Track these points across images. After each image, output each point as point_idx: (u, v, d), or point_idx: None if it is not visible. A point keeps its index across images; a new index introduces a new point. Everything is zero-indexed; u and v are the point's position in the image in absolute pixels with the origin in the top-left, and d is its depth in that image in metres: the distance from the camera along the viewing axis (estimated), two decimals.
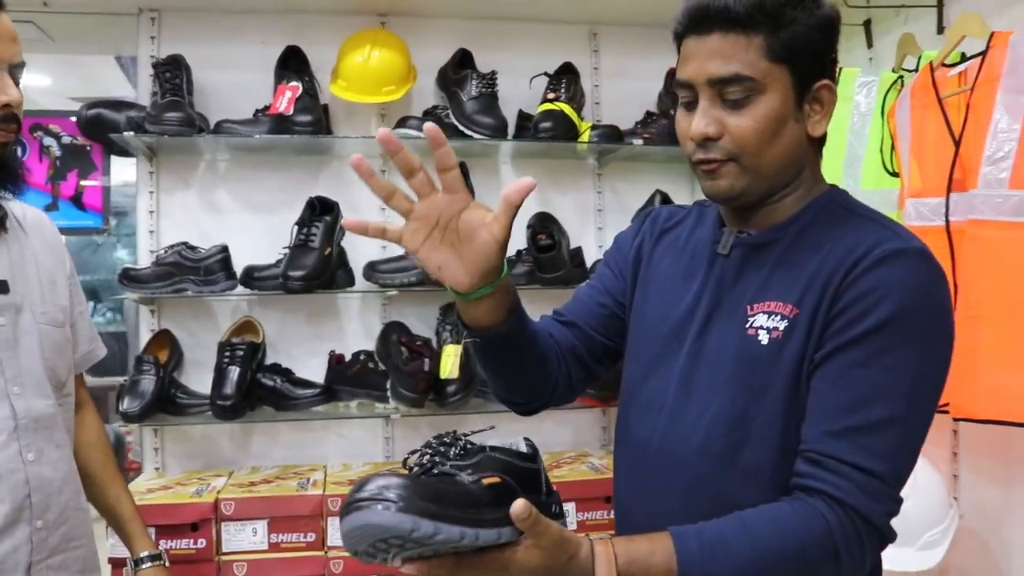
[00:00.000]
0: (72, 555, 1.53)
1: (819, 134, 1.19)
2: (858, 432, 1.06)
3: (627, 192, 2.96)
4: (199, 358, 2.69)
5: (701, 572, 1.04)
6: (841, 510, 1.05)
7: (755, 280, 1.20)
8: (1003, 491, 2.15)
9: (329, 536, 2.30)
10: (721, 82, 1.14)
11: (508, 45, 2.87)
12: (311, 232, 2.50)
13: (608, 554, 1.04)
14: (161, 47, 2.72)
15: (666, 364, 1.27)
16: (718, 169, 1.17)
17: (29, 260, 1.55)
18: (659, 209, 1.45)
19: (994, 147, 1.85)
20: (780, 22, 1.12)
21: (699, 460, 1.19)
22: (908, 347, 1.08)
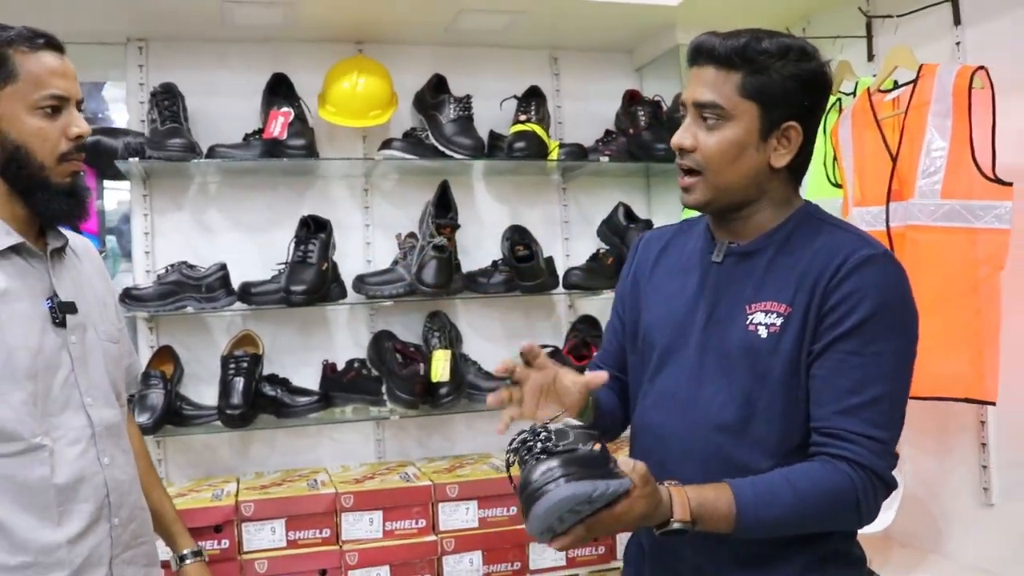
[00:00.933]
0: (140, 551, 1.69)
1: (779, 166, 1.44)
2: (861, 408, 1.34)
3: (590, 205, 3.22)
4: (197, 372, 2.83)
5: (755, 513, 1.31)
6: (860, 470, 1.33)
7: (750, 283, 1.47)
8: (940, 462, 2.45)
9: (343, 531, 2.49)
10: (700, 106, 1.42)
11: (477, 70, 3.09)
12: (308, 249, 2.67)
13: (682, 497, 1.30)
14: (149, 75, 2.86)
15: (676, 358, 1.53)
16: (690, 185, 1.46)
17: (85, 283, 1.69)
18: (646, 235, 1.74)
19: (927, 163, 2.15)
20: (755, 67, 1.39)
21: (715, 433, 1.44)
22: (888, 336, 1.36)
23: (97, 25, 2.73)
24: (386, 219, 3.02)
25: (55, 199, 1.56)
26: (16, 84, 1.50)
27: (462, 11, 2.74)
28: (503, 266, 2.94)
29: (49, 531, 1.50)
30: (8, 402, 1.47)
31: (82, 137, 1.58)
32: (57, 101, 1.53)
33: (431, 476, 2.63)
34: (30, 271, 1.57)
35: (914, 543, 2.52)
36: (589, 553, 2.64)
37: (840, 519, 1.38)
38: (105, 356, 1.68)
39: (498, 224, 3.07)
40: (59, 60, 1.55)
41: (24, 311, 1.53)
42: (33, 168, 1.53)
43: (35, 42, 1.52)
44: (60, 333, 1.57)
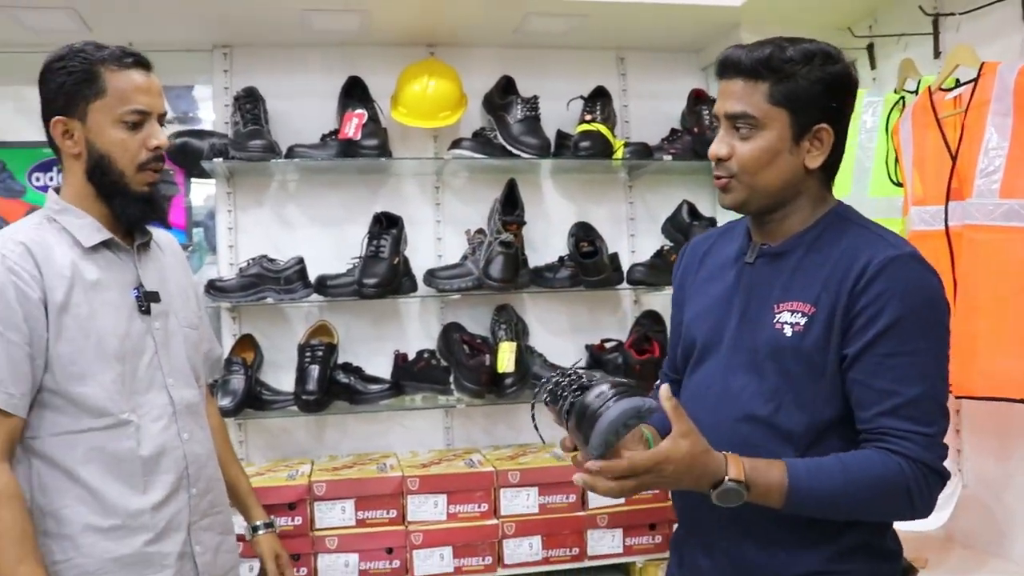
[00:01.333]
0: (216, 519, 1.84)
1: (814, 166, 1.49)
2: (903, 408, 1.39)
3: (655, 202, 3.28)
4: (276, 359, 3.00)
5: (806, 486, 1.38)
6: (911, 463, 1.38)
7: (778, 283, 1.53)
8: (1002, 463, 2.43)
9: (409, 512, 2.62)
10: (732, 117, 1.49)
11: (545, 71, 3.18)
12: (381, 244, 2.80)
13: (738, 460, 1.38)
14: (233, 79, 3.03)
15: (712, 353, 1.60)
16: (727, 185, 1.53)
17: (168, 275, 1.85)
18: (692, 240, 1.81)
19: (986, 162, 2.15)
20: (782, 75, 1.45)
21: (744, 425, 1.51)
22: (920, 334, 1.41)
23: (186, 34, 2.92)
24: (456, 215, 3.13)
25: (132, 204, 1.72)
26: (104, 99, 1.66)
27: (528, 14, 2.83)
28: (568, 262, 3.02)
29: (136, 498, 1.67)
30: (100, 381, 1.64)
31: (160, 148, 1.72)
32: (139, 116, 1.68)
33: (494, 463, 2.74)
34: (118, 263, 1.73)
35: (976, 545, 2.51)
36: (645, 542, 2.72)
37: (892, 506, 1.42)
38: (185, 341, 1.84)
39: (565, 221, 3.15)
40: (145, 77, 1.70)
41: (113, 300, 1.69)
42: (114, 175, 1.68)
43: (124, 61, 1.68)
44: (145, 320, 1.73)
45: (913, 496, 1.39)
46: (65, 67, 1.66)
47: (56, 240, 1.67)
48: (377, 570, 2.58)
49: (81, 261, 1.67)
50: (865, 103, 2.60)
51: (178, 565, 1.71)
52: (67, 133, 1.67)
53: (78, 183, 1.71)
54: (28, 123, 4.57)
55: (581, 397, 1.36)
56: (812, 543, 1.48)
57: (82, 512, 1.63)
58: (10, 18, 2.65)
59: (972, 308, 2.19)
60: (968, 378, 2.21)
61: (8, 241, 1.63)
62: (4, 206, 3.13)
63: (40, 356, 1.59)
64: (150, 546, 1.67)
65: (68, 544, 1.62)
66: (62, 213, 1.71)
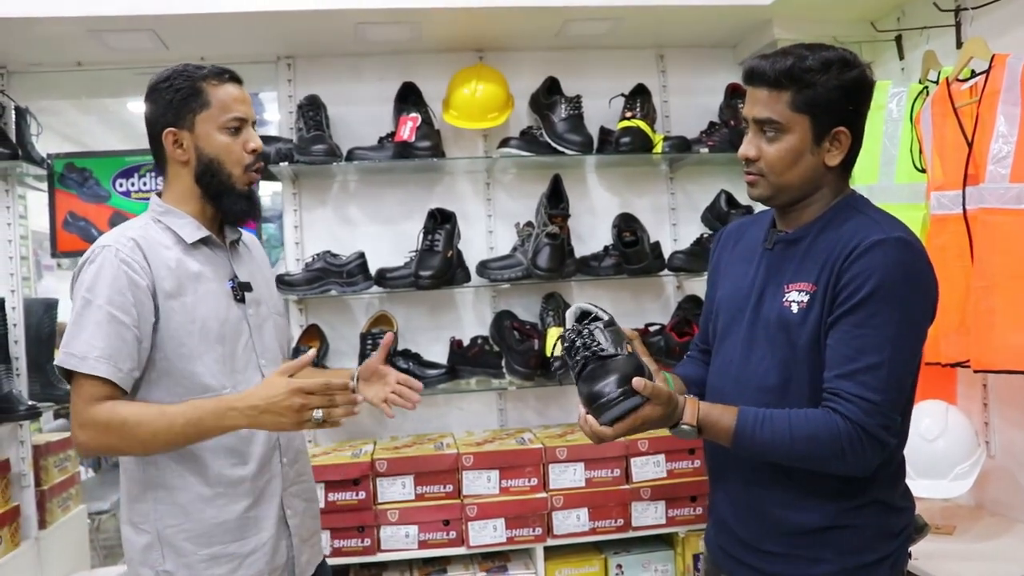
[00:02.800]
0: (302, 487, 2.04)
1: (833, 165, 1.65)
2: (858, 373, 1.55)
3: (696, 193, 3.43)
4: (340, 347, 3.22)
5: (751, 433, 1.58)
6: (848, 423, 1.54)
7: (791, 266, 1.70)
8: None
9: (464, 487, 2.82)
10: (759, 121, 1.65)
11: (587, 71, 3.36)
12: (435, 238, 3.01)
13: (694, 406, 1.60)
14: (296, 88, 3.26)
15: (735, 329, 1.78)
16: (755, 182, 1.70)
17: (256, 269, 2.07)
18: (727, 228, 1.99)
19: (997, 148, 2.27)
20: (803, 84, 1.60)
21: (761, 393, 1.68)
22: (890, 311, 1.55)
23: (252, 47, 3.17)
24: (506, 210, 3.33)
25: (238, 202, 1.93)
26: (209, 110, 1.87)
27: (568, 20, 3.01)
28: (612, 251, 3.19)
29: (237, 468, 1.87)
30: (204, 361, 1.85)
31: (258, 151, 1.93)
32: (239, 123, 1.89)
33: (544, 440, 2.92)
34: (215, 258, 1.95)
35: (1003, 512, 2.62)
36: (687, 513, 2.88)
37: (827, 460, 1.56)
38: (275, 326, 2.06)
39: (609, 212, 3.32)
40: (239, 90, 1.93)
41: (213, 289, 1.90)
42: (223, 176, 1.90)
43: (222, 77, 1.90)
44: (240, 307, 1.94)
45: (846, 454, 1.54)
46: (172, 85, 1.87)
47: (161, 237, 1.88)
48: (435, 540, 2.79)
49: (184, 256, 1.88)
50: (890, 94, 2.72)
51: (276, 528, 1.92)
52: (177, 142, 1.88)
53: (183, 186, 1.92)
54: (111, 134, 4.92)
55: (589, 381, 1.59)
56: (827, 498, 1.64)
57: (191, 482, 1.84)
58: (97, 40, 2.91)
59: (989, 287, 2.32)
60: (987, 352, 2.33)
61: (120, 237, 1.84)
62: (91, 210, 3.41)
63: (147, 339, 1.81)
64: (250, 511, 1.88)
65: (178, 511, 1.83)
66: (165, 215, 1.92)
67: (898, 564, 1.69)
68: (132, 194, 3.44)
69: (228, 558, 1.85)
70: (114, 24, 2.79)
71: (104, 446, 1.78)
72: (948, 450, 2.48)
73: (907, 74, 2.99)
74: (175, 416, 1.73)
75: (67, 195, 3.38)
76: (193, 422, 1.72)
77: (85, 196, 3.39)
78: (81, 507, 3.56)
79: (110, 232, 1.90)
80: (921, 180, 2.64)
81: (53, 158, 3.36)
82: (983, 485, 2.64)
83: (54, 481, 3.27)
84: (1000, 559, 2.30)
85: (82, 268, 1.84)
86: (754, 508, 1.72)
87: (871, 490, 1.65)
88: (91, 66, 3.22)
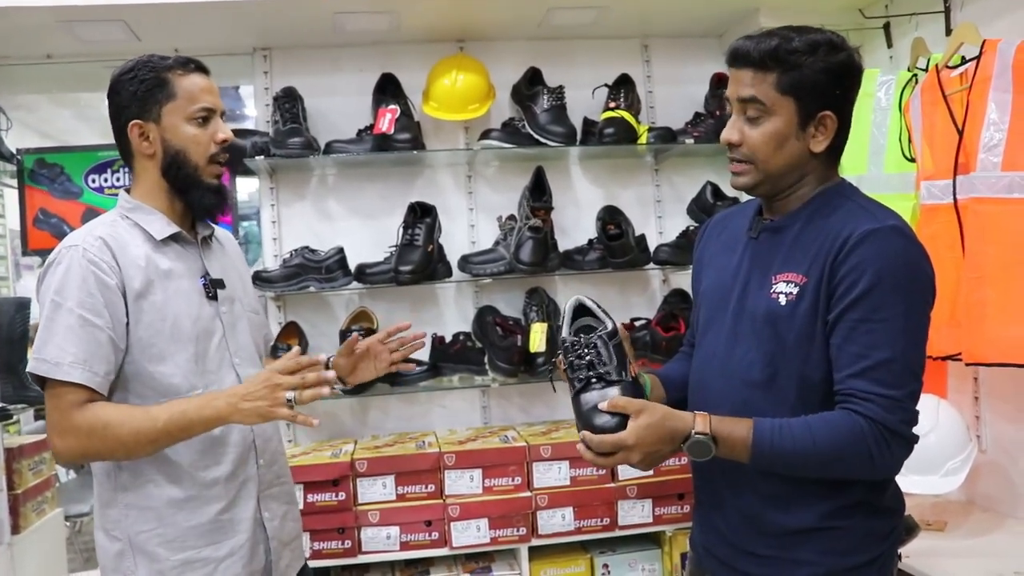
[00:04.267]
0: (281, 489, 1.99)
1: (818, 151, 1.59)
2: (871, 370, 1.49)
3: (681, 184, 3.37)
4: (320, 344, 3.15)
5: (769, 443, 1.50)
6: (871, 423, 1.47)
7: (777, 256, 1.64)
8: (1019, 428, 2.50)
9: (447, 486, 2.76)
10: (743, 101, 1.59)
11: (571, 61, 3.30)
12: (415, 232, 2.94)
13: (706, 417, 1.52)
14: (273, 80, 3.19)
15: (718, 321, 1.72)
16: (740, 170, 1.64)
17: (229, 265, 2.01)
18: (712, 219, 1.93)
19: (988, 136, 2.22)
20: (788, 65, 1.55)
21: (744, 388, 1.62)
22: (893, 302, 1.50)
23: (227, 39, 3.09)
24: (488, 203, 3.26)
25: (206, 195, 1.88)
26: (175, 101, 1.83)
27: (551, 8, 2.95)
28: (597, 244, 3.13)
29: (209, 470, 1.82)
30: (176, 361, 1.80)
31: (227, 141, 1.88)
32: (206, 112, 1.85)
33: (527, 438, 2.86)
34: (186, 255, 1.90)
35: (994, 507, 2.59)
36: (674, 511, 2.82)
37: (853, 465, 1.51)
38: (250, 324, 2.01)
39: (594, 205, 3.25)
40: (206, 80, 1.88)
41: (184, 287, 1.85)
42: (189, 168, 1.85)
43: (188, 67, 1.85)
44: (213, 305, 1.89)
45: (874, 456, 1.48)
46: (136, 76, 1.82)
47: (130, 235, 1.83)
48: (417, 542, 2.73)
49: (153, 253, 1.83)
50: (879, 82, 2.67)
51: (252, 531, 1.87)
52: (143, 135, 1.83)
53: (151, 181, 1.87)
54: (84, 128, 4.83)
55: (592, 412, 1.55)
56: (814, 499, 1.59)
57: (162, 485, 1.79)
58: (67, 31, 2.84)
59: (980, 278, 2.27)
60: (978, 345, 2.29)
61: (87, 236, 1.79)
62: (63, 207, 3.34)
63: (121, 340, 1.75)
64: (224, 514, 1.83)
65: (151, 515, 1.78)
66: (134, 211, 1.87)
67: (887, 566, 1.64)
68: (105, 190, 3.38)
69: (202, 563, 1.81)
70: (84, 14, 2.71)
71: (85, 452, 1.73)
72: (940, 445, 2.43)
73: (895, 62, 2.95)
74: (158, 413, 1.70)
75: (38, 191, 3.31)
76: (176, 417, 1.70)
77: (57, 192, 3.32)
78: (57, 511, 3.47)
79: (77, 231, 1.85)
80: (910, 169, 2.59)
81: (23, 153, 3.29)
82: (974, 480, 2.59)
83: (28, 484, 3.19)
84: (992, 555, 2.26)
85: (48, 270, 1.79)
86: (739, 509, 1.67)
87: (858, 491, 1.60)
88: (62, 59, 3.14)
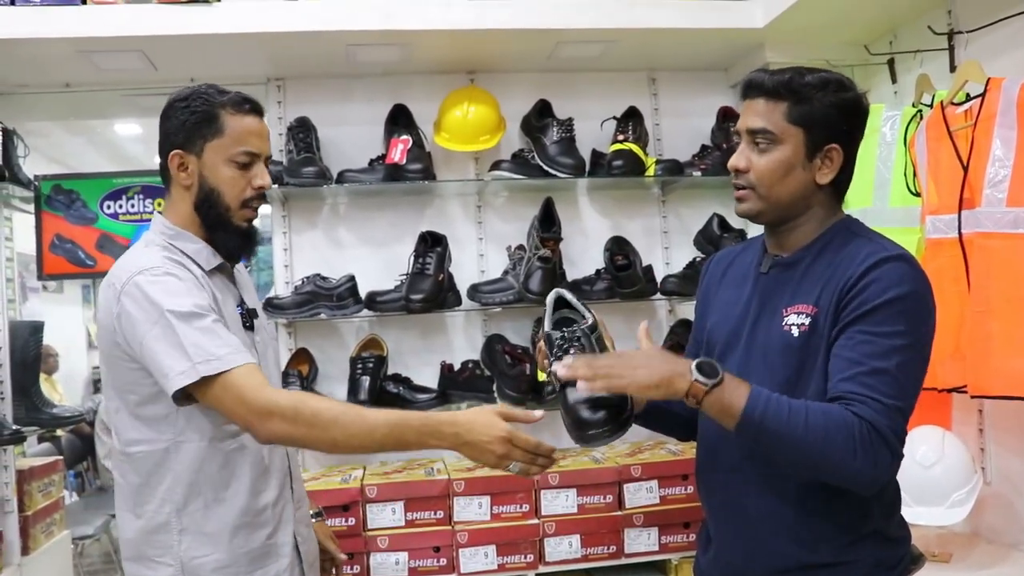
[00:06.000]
0: (304, 512, 2.02)
1: (823, 183, 1.63)
2: (863, 376, 1.49)
3: (688, 216, 3.42)
4: (329, 371, 3.18)
5: (761, 412, 1.47)
6: (860, 421, 1.46)
7: (788, 290, 1.67)
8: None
9: (455, 513, 2.78)
10: (753, 132, 1.63)
11: (579, 93, 3.35)
12: (426, 261, 2.98)
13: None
14: (286, 110, 3.24)
15: (730, 355, 1.74)
16: (744, 196, 1.67)
17: (250, 296, 2.03)
18: (716, 255, 1.96)
19: (993, 172, 2.26)
20: (800, 97, 1.59)
21: None
22: (894, 322, 1.52)
23: (242, 69, 3.14)
24: (498, 233, 3.30)
25: (232, 238, 1.87)
26: (221, 139, 1.80)
27: (560, 42, 3.00)
28: (604, 274, 3.16)
29: (263, 495, 1.84)
30: None
31: (264, 188, 1.86)
32: (250, 157, 1.82)
33: None
34: (226, 284, 1.91)
35: (999, 539, 2.59)
36: (680, 540, 2.84)
37: (834, 458, 1.47)
38: (273, 352, 2.03)
39: (602, 235, 3.30)
40: (258, 123, 1.85)
41: (231, 314, 1.86)
42: (220, 208, 1.83)
43: (243, 107, 1.82)
44: (249, 334, 1.90)
45: (857, 452, 1.45)
46: (189, 106, 1.81)
47: (183, 261, 1.82)
48: (425, 568, 2.74)
49: (204, 279, 1.83)
50: (884, 117, 2.72)
51: (293, 554, 1.89)
52: (182, 166, 1.82)
53: (185, 211, 1.86)
54: (99, 156, 4.89)
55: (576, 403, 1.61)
56: (830, 532, 1.60)
57: (219, 512, 1.79)
58: (86, 61, 2.89)
59: (986, 311, 2.30)
60: (983, 377, 2.31)
61: (153, 257, 1.77)
62: (78, 232, 3.38)
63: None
64: (271, 538, 1.85)
65: (206, 540, 1.78)
66: (177, 239, 1.84)
67: None
68: (120, 216, 3.41)
69: None
70: (103, 45, 2.77)
71: (290, 435, 1.67)
72: (945, 477, 2.45)
73: (900, 98, 2.99)
74: (376, 424, 1.66)
75: (54, 217, 3.35)
76: (396, 435, 1.66)
77: (72, 218, 3.35)
78: (65, 532, 3.50)
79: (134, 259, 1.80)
80: (915, 204, 2.62)
81: (40, 180, 3.33)
82: (979, 512, 2.60)
83: (38, 506, 3.22)
84: None
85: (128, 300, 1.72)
86: (753, 542, 1.67)
87: (870, 521, 1.61)
88: (79, 87, 3.19)
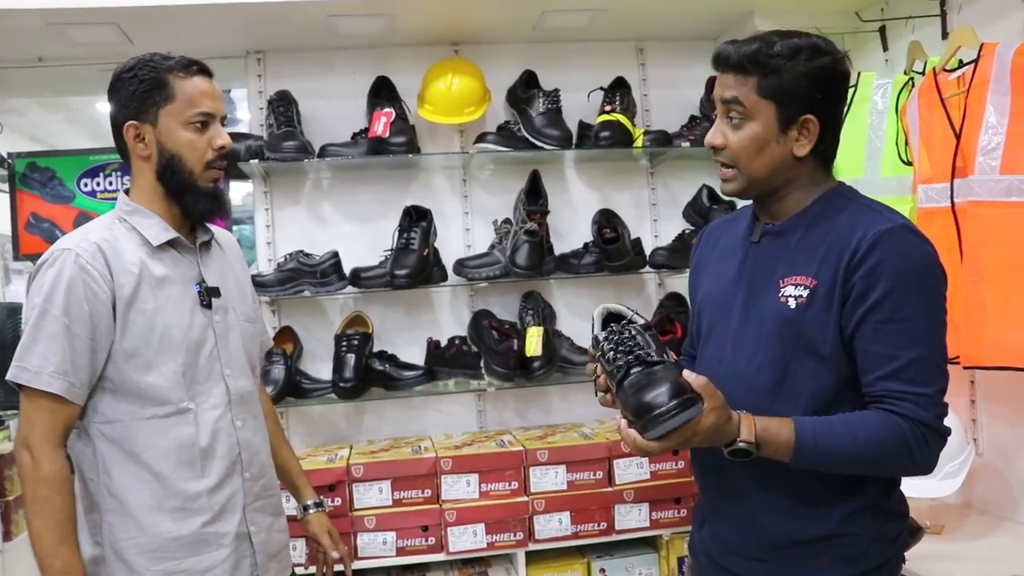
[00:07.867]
0: (268, 501, 1.96)
1: (801, 155, 1.59)
2: (902, 370, 1.49)
3: (677, 188, 3.37)
4: (314, 349, 3.14)
5: (812, 444, 1.49)
6: (909, 422, 1.48)
7: (782, 260, 1.63)
8: (1016, 431, 2.50)
9: (443, 491, 2.74)
10: (726, 101, 1.59)
11: (566, 64, 3.29)
12: (411, 236, 2.93)
13: (750, 421, 1.49)
14: (267, 83, 3.17)
15: (721, 327, 1.71)
16: (727, 176, 1.64)
17: (228, 271, 1.99)
18: (707, 227, 1.93)
19: (986, 140, 2.22)
20: (767, 69, 1.55)
21: (751, 394, 1.59)
22: (912, 301, 1.50)
23: (221, 42, 3.07)
24: (484, 206, 3.25)
25: (201, 200, 1.85)
26: (173, 103, 1.79)
27: (546, 11, 2.94)
28: (592, 248, 3.12)
29: (194, 482, 1.80)
30: (163, 372, 1.78)
31: (225, 148, 1.85)
32: (205, 117, 1.81)
33: (524, 443, 2.85)
34: (182, 261, 1.87)
35: (991, 510, 2.58)
36: (671, 515, 2.81)
37: (894, 463, 1.52)
38: (242, 333, 1.97)
39: (590, 208, 3.25)
40: (208, 84, 1.85)
41: (177, 295, 1.82)
42: (184, 174, 1.82)
43: (190, 69, 1.82)
44: (206, 314, 1.87)
45: (913, 453, 1.48)
46: (136, 76, 1.79)
47: (126, 239, 1.81)
48: (414, 547, 2.71)
49: (149, 259, 1.80)
50: (875, 85, 2.67)
51: (235, 544, 1.84)
52: (139, 136, 1.81)
53: (147, 184, 1.84)
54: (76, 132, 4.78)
55: (637, 391, 1.46)
56: (825, 506, 1.58)
57: (145, 494, 1.77)
58: (59, 33, 2.81)
59: (979, 281, 2.26)
60: (977, 348, 2.28)
61: (82, 240, 1.77)
62: (55, 211, 3.30)
63: (103, 351, 1.74)
64: (208, 527, 1.81)
65: (131, 523, 1.76)
66: (132, 214, 1.84)
67: (895, 571, 1.64)
68: (98, 194, 3.34)
69: (183, 575, 1.78)
70: (75, 17, 2.69)
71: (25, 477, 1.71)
72: None
73: (891, 65, 2.94)
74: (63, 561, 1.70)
75: (30, 196, 3.26)
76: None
77: (49, 197, 3.27)
78: None
79: (72, 233, 1.82)
80: (907, 173, 2.58)
81: (14, 157, 3.25)
82: (970, 483, 2.58)
83: (19, 491, 3.16)
84: (990, 558, 2.26)
85: (40, 270, 1.77)
86: (749, 518, 1.64)
87: (868, 495, 1.59)
88: (53, 62, 3.12)
